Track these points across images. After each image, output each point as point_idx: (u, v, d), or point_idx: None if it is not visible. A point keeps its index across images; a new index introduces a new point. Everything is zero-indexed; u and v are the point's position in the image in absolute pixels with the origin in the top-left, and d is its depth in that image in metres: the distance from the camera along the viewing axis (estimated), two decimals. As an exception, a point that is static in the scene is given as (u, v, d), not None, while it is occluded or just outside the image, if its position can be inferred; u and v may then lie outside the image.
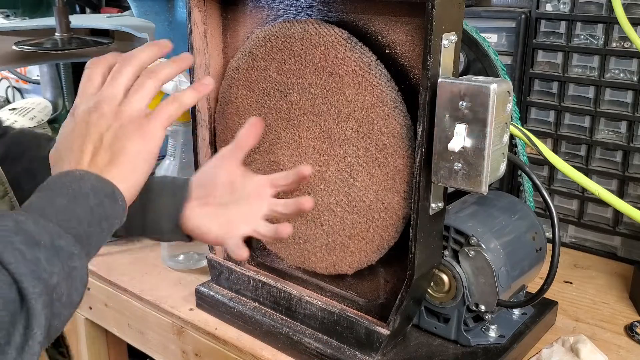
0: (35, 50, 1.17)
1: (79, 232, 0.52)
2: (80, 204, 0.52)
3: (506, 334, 0.76)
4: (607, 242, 1.03)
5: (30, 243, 0.47)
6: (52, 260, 0.48)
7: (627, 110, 0.97)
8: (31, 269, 0.46)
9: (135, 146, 0.57)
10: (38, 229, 0.49)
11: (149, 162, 0.59)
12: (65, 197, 0.52)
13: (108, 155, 0.56)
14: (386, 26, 0.66)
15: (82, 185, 0.53)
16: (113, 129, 0.57)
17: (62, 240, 0.49)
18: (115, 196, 0.55)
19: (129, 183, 0.57)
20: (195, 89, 0.62)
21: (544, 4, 1.00)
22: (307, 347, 0.75)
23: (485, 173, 0.59)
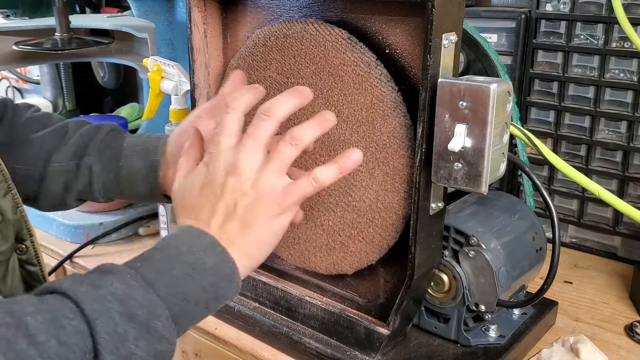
0: (35, 50, 1.17)
1: (181, 311, 0.50)
2: (195, 281, 0.51)
3: (506, 334, 0.76)
4: (607, 242, 1.03)
5: (127, 316, 0.47)
6: (139, 340, 0.47)
7: (627, 110, 0.97)
8: (116, 345, 0.45)
9: (268, 222, 0.56)
10: (141, 301, 0.48)
11: (276, 239, 0.58)
12: (184, 268, 0.51)
13: (239, 226, 0.55)
14: (386, 26, 0.66)
15: (206, 260, 0.52)
16: (249, 200, 0.55)
17: (159, 322, 0.48)
18: (233, 278, 0.54)
19: (252, 260, 0.56)
20: (337, 169, 0.58)
21: (544, 4, 1.00)
22: (307, 347, 0.75)
23: (485, 173, 0.59)
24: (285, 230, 0.58)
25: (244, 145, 0.56)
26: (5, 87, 1.78)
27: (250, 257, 0.56)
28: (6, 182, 0.66)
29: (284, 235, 0.79)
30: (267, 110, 0.57)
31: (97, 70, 1.60)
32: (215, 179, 0.56)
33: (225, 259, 0.53)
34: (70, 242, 1.07)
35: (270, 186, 0.56)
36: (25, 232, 0.67)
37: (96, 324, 0.45)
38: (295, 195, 0.57)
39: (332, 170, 0.58)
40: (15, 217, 0.66)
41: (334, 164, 0.58)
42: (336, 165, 0.58)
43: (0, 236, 0.64)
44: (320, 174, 0.57)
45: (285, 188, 0.56)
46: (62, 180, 0.73)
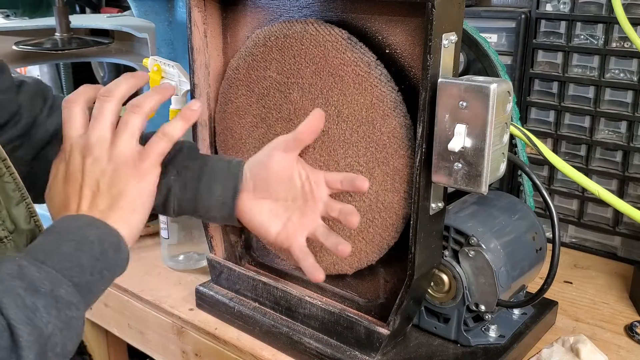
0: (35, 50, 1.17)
1: (81, 281, 0.52)
2: (84, 252, 0.53)
3: (506, 334, 0.76)
4: (607, 242, 1.03)
5: (30, 289, 0.47)
6: (49, 309, 0.48)
7: (627, 110, 0.97)
8: (28, 316, 0.46)
9: (133, 188, 0.58)
10: (40, 276, 0.49)
11: (148, 201, 0.60)
12: (70, 244, 0.53)
13: (107, 199, 0.57)
14: (386, 26, 0.66)
15: (88, 233, 0.54)
16: (108, 173, 0.57)
17: (62, 289, 0.50)
18: (120, 246, 0.56)
19: (131, 225, 0.58)
20: (183, 119, 0.62)
21: (544, 4, 1.00)
22: (307, 347, 0.75)
23: (485, 173, 0.59)
24: (154, 192, 0.60)
25: (91, 127, 0.59)
26: (5, 87, 1.78)
27: (129, 224, 0.57)
28: (19, 190, 0.66)
29: (284, 235, 0.79)
30: (108, 92, 0.60)
31: (97, 70, 1.60)
32: (74, 166, 0.58)
33: (107, 230, 0.55)
34: (70, 242, 1.07)
35: (126, 152, 0.58)
36: None
37: (3, 301, 0.45)
38: (151, 153, 0.59)
39: (179, 122, 0.61)
40: (28, 227, 0.66)
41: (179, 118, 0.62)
42: (180, 118, 0.62)
43: (13, 245, 0.63)
44: (168, 127, 0.61)
45: (140, 150, 0.59)
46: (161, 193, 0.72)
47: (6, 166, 0.64)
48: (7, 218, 0.63)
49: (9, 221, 0.63)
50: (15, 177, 0.65)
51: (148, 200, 0.60)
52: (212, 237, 0.86)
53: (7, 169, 0.64)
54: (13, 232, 0.64)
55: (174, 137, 0.61)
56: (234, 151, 0.82)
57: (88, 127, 0.59)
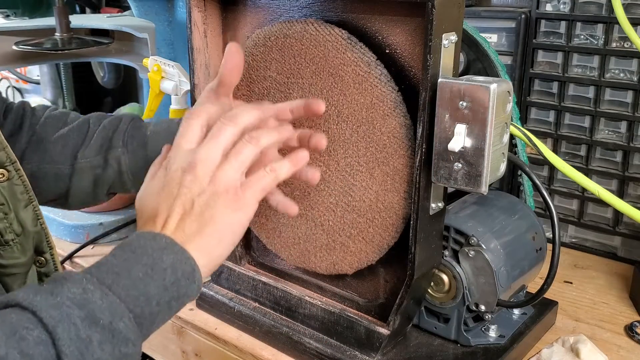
0: (35, 50, 1.17)
1: (144, 312, 0.49)
2: (154, 280, 0.50)
3: (506, 334, 0.76)
4: (607, 242, 1.03)
5: (88, 320, 0.46)
6: (104, 344, 0.46)
7: (627, 110, 0.97)
8: (80, 349, 0.45)
9: (227, 217, 0.55)
10: (102, 304, 0.47)
11: (237, 235, 0.57)
12: (142, 269, 0.50)
13: (196, 223, 0.54)
14: (386, 26, 0.66)
15: (164, 259, 0.51)
16: (206, 196, 0.54)
17: (122, 322, 0.47)
18: (194, 276, 0.53)
19: (212, 257, 0.55)
20: (293, 163, 0.59)
21: (544, 4, 1.00)
22: (307, 347, 0.75)
23: (485, 173, 0.59)
24: (246, 227, 0.57)
25: (203, 144, 0.56)
26: (5, 87, 1.78)
27: (210, 255, 0.55)
28: (27, 193, 0.66)
29: (284, 235, 0.79)
30: (232, 117, 0.57)
31: (97, 70, 1.60)
32: (173, 178, 0.55)
33: (184, 258, 0.52)
34: (71, 242, 1.07)
35: (228, 181, 0.55)
36: (45, 245, 0.67)
37: (57, 331, 0.44)
38: (254, 187, 0.57)
39: (287, 164, 0.59)
40: (35, 229, 0.66)
41: (289, 161, 0.60)
42: (289, 161, 0.59)
43: (20, 248, 0.63)
44: (276, 165, 0.58)
45: (244, 182, 0.56)
46: (91, 176, 0.73)
47: (15, 169, 0.65)
48: (14, 220, 0.63)
49: (17, 224, 0.64)
50: (24, 180, 0.65)
51: (238, 234, 0.56)
52: (212, 237, 0.86)
53: (17, 172, 0.65)
54: (20, 235, 0.64)
55: (280, 177, 0.58)
56: (234, 151, 0.82)
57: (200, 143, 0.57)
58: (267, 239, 0.83)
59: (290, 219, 0.78)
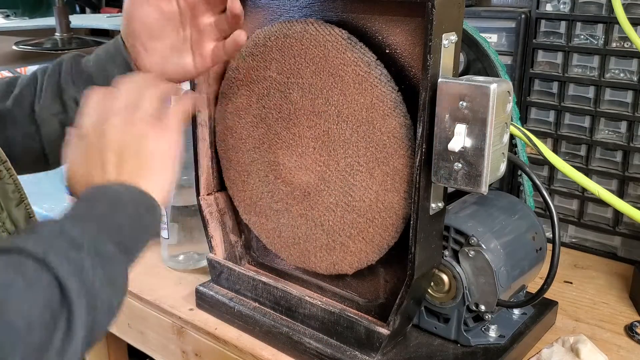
0: (35, 50, 1.17)
1: (121, 240, 0.51)
2: (120, 213, 0.52)
3: (506, 334, 0.76)
4: (607, 242, 1.03)
5: (74, 247, 0.47)
6: (95, 265, 0.47)
7: (627, 110, 0.97)
8: (75, 271, 0.46)
9: (160, 146, 0.57)
10: (82, 235, 0.48)
11: (175, 157, 0.59)
12: (105, 207, 0.52)
13: (134, 162, 0.55)
14: (386, 26, 0.66)
15: (121, 197, 0.53)
16: (132, 135, 0.56)
17: (104, 246, 0.49)
18: (155, 209, 0.55)
19: (162, 186, 0.57)
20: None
21: (544, 4, 1.00)
22: (307, 347, 0.75)
23: (485, 173, 0.59)
24: (179, 147, 0.59)
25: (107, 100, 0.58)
26: (5, 87, 1.78)
27: (158, 186, 0.57)
28: (19, 191, 0.66)
29: (284, 235, 0.79)
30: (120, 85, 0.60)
31: (97, 70, 1.59)
32: (91, 137, 0.56)
33: (139, 192, 0.54)
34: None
35: (147, 115, 0.57)
36: None
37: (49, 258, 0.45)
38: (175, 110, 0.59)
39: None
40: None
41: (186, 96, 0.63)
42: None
43: None
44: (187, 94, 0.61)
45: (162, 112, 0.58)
46: (56, 123, 0.73)
47: (6, 168, 0.65)
48: (7, 219, 0.63)
49: (9, 222, 0.64)
50: (15, 178, 0.65)
51: (175, 155, 0.59)
52: (212, 237, 0.86)
53: (8, 171, 0.65)
54: (13, 234, 0.64)
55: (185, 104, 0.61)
56: (234, 151, 0.82)
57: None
58: (267, 239, 0.83)
59: (290, 219, 0.78)
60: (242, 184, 0.83)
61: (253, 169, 0.80)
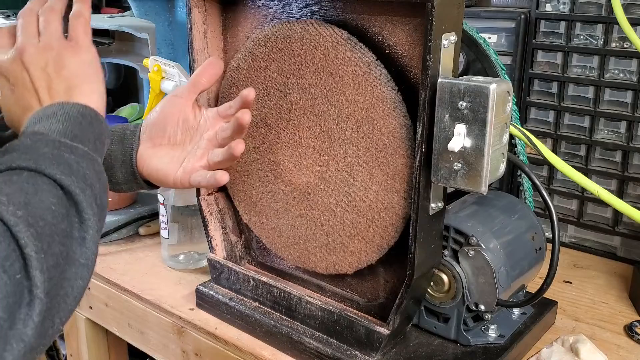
0: (36, 51, 1.17)
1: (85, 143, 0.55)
2: (74, 124, 0.56)
3: (506, 334, 0.76)
4: (606, 242, 1.03)
5: (54, 152, 0.51)
6: (79, 162, 0.51)
7: (627, 110, 0.97)
8: (68, 171, 0.50)
9: (79, 60, 0.60)
10: (54, 141, 0.52)
11: (98, 69, 0.62)
12: (59, 121, 0.55)
13: (62, 82, 0.59)
14: (386, 26, 0.66)
15: (67, 111, 0.56)
16: (50, 60, 0.59)
17: (76, 148, 0.53)
18: (97, 115, 0.59)
19: (95, 96, 0.60)
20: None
21: (544, 4, 1.01)
22: (307, 346, 0.75)
23: (485, 173, 0.59)
24: (98, 60, 0.63)
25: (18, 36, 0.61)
26: (5, 87, 1.78)
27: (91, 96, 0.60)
28: None
29: (284, 235, 0.79)
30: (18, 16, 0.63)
31: (97, 70, 1.59)
32: (14, 70, 0.60)
33: (79, 106, 0.58)
34: (71, 242, 1.07)
35: (56, 38, 0.61)
36: None
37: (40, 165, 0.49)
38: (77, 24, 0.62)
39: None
40: None
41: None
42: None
43: None
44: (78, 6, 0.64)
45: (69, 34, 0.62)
46: None
47: None
48: None
49: None
50: None
51: (98, 69, 0.62)
52: (212, 237, 0.86)
53: None
54: None
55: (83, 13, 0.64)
56: (234, 151, 0.82)
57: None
58: (267, 238, 0.83)
59: (290, 218, 0.78)
60: (242, 184, 0.83)
61: (253, 169, 0.80)
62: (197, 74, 0.74)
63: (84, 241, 0.49)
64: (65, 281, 0.46)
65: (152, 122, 0.74)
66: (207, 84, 0.75)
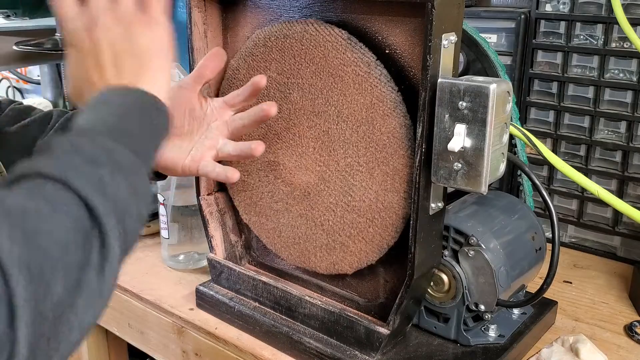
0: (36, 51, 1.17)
1: (135, 147, 0.51)
2: (128, 118, 0.52)
3: (506, 334, 0.76)
4: (606, 242, 1.03)
5: (90, 162, 0.46)
6: (115, 177, 0.46)
7: (627, 110, 0.97)
8: (97, 186, 0.45)
9: (153, 39, 0.57)
10: (95, 147, 0.48)
11: (169, 51, 0.59)
12: (113, 115, 0.51)
13: (132, 61, 0.56)
14: (386, 26, 0.66)
15: (128, 102, 0.53)
16: (122, 35, 0.56)
17: (120, 155, 0.48)
18: (159, 106, 0.55)
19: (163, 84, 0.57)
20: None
21: (544, 4, 1.01)
22: (307, 346, 0.75)
23: (485, 173, 0.59)
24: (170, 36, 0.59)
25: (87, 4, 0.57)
26: (5, 87, 1.78)
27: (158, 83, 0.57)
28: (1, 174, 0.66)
29: (284, 235, 0.79)
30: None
31: (97, 70, 1.59)
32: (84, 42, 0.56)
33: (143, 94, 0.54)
34: (71, 242, 1.07)
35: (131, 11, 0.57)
36: None
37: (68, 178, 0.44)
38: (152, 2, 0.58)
39: None
40: None
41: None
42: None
43: None
44: None
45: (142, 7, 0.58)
46: None
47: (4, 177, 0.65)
48: None
49: None
50: (5, 176, 0.66)
51: (168, 50, 0.59)
52: (212, 237, 0.86)
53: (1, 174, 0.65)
54: None
55: None
56: (234, 151, 0.82)
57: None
58: (267, 238, 0.83)
59: (290, 218, 0.78)
60: (242, 184, 0.83)
61: (253, 169, 0.80)
62: (202, 64, 0.73)
63: (102, 272, 0.43)
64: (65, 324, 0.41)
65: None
66: (210, 75, 0.74)
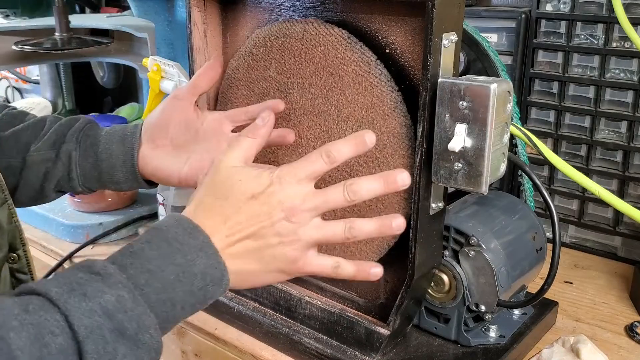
0: (35, 50, 1.17)
1: (168, 317, 0.50)
2: (184, 285, 0.51)
3: (506, 334, 0.76)
4: (607, 242, 1.03)
5: (116, 333, 0.46)
6: (127, 356, 0.46)
7: (628, 110, 0.97)
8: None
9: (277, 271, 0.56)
10: (132, 315, 0.47)
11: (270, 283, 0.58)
12: (174, 270, 0.50)
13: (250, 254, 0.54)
14: (386, 26, 0.66)
15: (197, 262, 0.51)
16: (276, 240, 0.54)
17: (147, 334, 0.48)
18: (222, 281, 0.54)
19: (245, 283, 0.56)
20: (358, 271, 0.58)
21: (544, 3, 1.00)
22: (307, 347, 0.75)
23: (486, 173, 0.59)
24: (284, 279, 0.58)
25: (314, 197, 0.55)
26: (5, 87, 1.78)
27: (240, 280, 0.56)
28: (2, 192, 0.66)
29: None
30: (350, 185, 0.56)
31: (97, 70, 1.60)
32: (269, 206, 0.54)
33: (216, 262, 0.53)
34: (70, 242, 1.07)
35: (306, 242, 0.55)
36: (18, 242, 0.67)
37: (86, 343, 0.44)
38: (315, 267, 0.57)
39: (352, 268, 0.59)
40: (10, 227, 0.66)
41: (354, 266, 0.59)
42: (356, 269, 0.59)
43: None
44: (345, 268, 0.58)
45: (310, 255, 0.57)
46: (41, 169, 0.74)
47: None
48: None
49: None
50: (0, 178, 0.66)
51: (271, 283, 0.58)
52: (212, 237, 0.85)
53: None
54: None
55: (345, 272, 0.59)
56: (233, 151, 0.82)
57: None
58: (267, 239, 0.82)
59: None
60: (242, 184, 0.82)
61: (253, 169, 0.80)
62: (197, 76, 0.74)
63: None
64: None
65: (153, 123, 0.74)
66: (206, 87, 0.75)
